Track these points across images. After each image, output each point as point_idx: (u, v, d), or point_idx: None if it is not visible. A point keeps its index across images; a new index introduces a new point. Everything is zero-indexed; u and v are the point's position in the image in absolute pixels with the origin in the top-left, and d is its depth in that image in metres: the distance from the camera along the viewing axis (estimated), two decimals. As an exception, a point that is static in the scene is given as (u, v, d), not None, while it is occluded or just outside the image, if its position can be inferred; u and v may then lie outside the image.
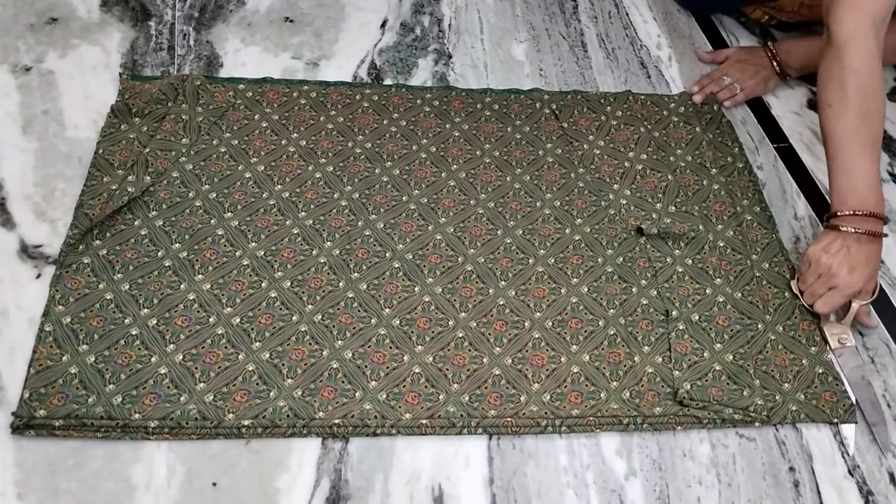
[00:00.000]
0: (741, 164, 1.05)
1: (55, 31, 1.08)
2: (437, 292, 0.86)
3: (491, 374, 0.80)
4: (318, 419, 0.74)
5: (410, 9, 1.21)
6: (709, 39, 1.25)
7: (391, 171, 0.97)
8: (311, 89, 1.04)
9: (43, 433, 0.71)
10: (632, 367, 0.82)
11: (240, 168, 0.94)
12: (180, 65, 1.06)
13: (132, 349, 0.77)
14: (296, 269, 0.85)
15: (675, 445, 0.79)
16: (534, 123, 1.05)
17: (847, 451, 0.80)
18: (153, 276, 0.82)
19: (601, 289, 0.88)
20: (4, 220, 0.86)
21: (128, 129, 0.95)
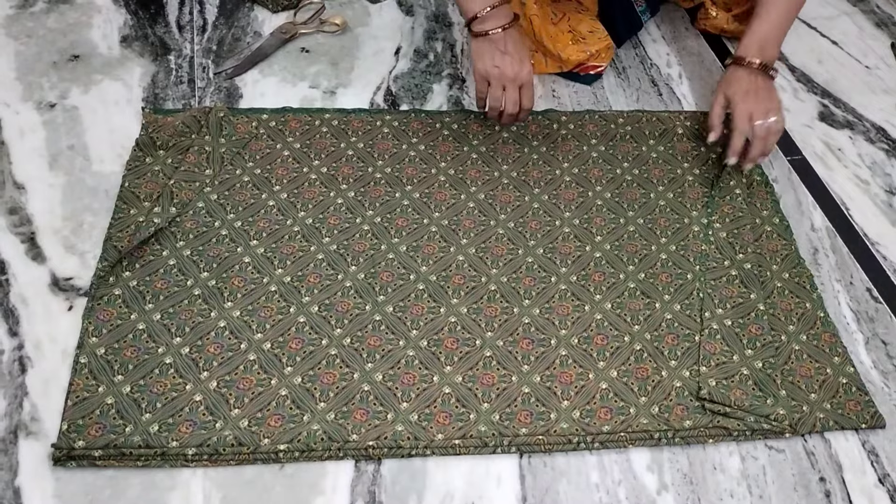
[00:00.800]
0: (758, 176, 1.06)
1: (77, 67, 1.10)
2: (463, 312, 0.87)
3: (520, 392, 0.81)
4: (352, 441, 0.75)
5: (423, 35, 1.23)
6: (717, 57, 1.27)
7: (411, 195, 0.98)
8: (332, 117, 1.06)
9: (83, 464, 0.72)
10: (660, 382, 0.83)
11: (263, 196, 0.96)
12: (201, 97, 1.08)
13: (167, 378, 0.78)
14: (323, 294, 0.87)
15: (705, 459, 0.79)
16: (550, 143, 1.07)
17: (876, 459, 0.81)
18: (184, 305, 0.84)
19: (624, 305, 0.89)
20: (35, 255, 0.88)
21: (153, 162, 0.97)
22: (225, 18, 1.21)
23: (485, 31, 0.96)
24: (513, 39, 0.97)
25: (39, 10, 1.18)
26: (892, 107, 1.22)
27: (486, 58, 0.97)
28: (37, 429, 0.74)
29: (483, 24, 0.96)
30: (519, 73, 0.97)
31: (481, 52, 0.97)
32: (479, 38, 0.97)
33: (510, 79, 0.97)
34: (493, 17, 0.95)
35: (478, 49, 0.98)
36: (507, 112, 1.00)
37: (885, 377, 0.88)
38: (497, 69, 0.97)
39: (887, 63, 1.31)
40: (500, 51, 0.96)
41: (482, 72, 0.98)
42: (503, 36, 0.96)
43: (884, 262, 0.99)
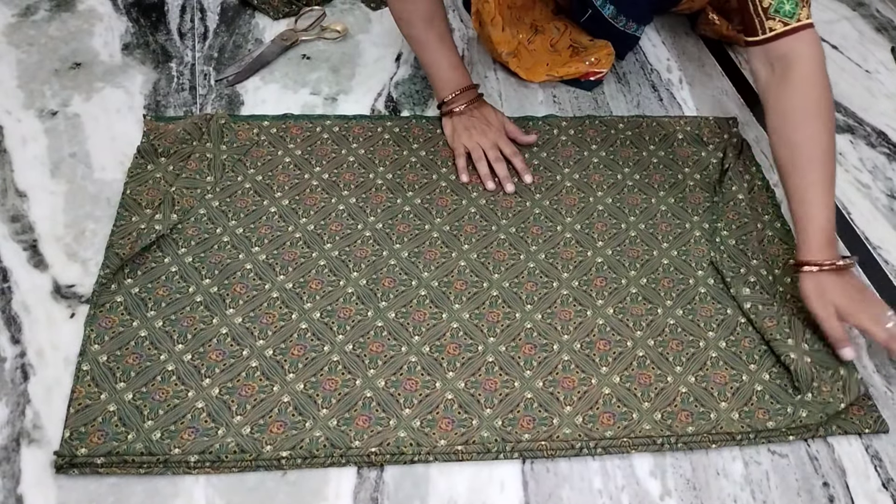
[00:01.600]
0: (760, 181, 1.06)
1: (79, 75, 1.10)
2: (465, 318, 0.87)
3: (523, 397, 0.80)
4: (355, 448, 0.75)
5: (424, 42, 1.23)
6: (718, 61, 1.27)
7: (413, 201, 0.98)
8: (333, 123, 1.06)
9: (86, 471, 0.72)
10: (663, 389, 0.82)
11: (265, 203, 0.96)
12: (202, 104, 1.09)
13: (169, 385, 0.78)
14: (324, 300, 0.87)
15: (708, 464, 0.79)
16: (551, 149, 1.07)
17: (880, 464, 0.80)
18: (185, 312, 0.84)
19: (627, 310, 0.89)
20: (37, 262, 0.88)
21: (154, 169, 0.97)
22: (226, 26, 1.22)
23: (451, 111, 1.05)
24: (478, 109, 1.06)
25: (41, 18, 1.19)
26: (892, 111, 1.22)
27: (458, 130, 1.05)
28: (39, 436, 0.74)
29: (451, 105, 1.05)
30: (488, 128, 1.04)
31: (453, 127, 1.05)
32: (447, 116, 1.06)
33: (483, 136, 1.04)
34: (459, 99, 1.05)
35: (449, 126, 1.06)
36: (500, 175, 1.02)
37: (888, 382, 0.87)
38: (468, 132, 1.04)
39: (888, 67, 1.31)
40: (468, 120, 1.05)
41: (458, 145, 1.04)
42: (469, 109, 1.05)
43: (886, 267, 0.99)
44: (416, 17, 1.03)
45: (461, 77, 1.06)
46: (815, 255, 0.87)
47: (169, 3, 1.24)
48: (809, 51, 0.92)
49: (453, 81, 1.05)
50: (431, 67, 1.06)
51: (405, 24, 1.05)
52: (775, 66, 0.93)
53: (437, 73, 1.06)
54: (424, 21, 1.04)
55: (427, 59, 1.06)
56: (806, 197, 0.88)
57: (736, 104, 1.20)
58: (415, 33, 1.05)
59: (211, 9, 1.24)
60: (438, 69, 1.06)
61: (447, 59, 1.06)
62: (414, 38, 1.06)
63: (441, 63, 1.05)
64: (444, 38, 1.06)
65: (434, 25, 1.04)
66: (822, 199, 0.88)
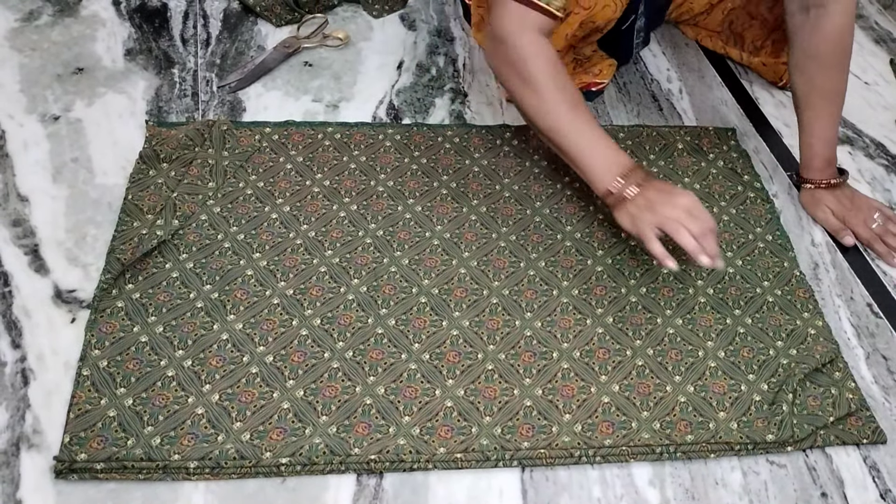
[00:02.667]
0: (752, 192, 1.06)
1: (81, 80, 1.11)
2: (465, 326, 0.87)
3: (522, 405, 0.81)
4: (354, 455, 0.75)
5: (425, 50, 1.24)
6: (717, 72, 1.28)
7: (413, 208, 0.99)
8: (335, 131, 1.06)
9: (85, 477, 0.72)
10: (662, 398, 0.83)
11: (266, 209, 0.96)
12: (204, 110, 1.09)
13: (169, 390, 0.78)
14: (325, 307, 0.87)
15: (706, 474, 0.79)
16: (552, 157, 1.07)
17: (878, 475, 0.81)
18: (186, 318, 0.84)
19: (626, 319, 0.89)
20: (38, 266, 0.88)
21: (156, 175, 0.97)
22: (229, 32, 1.22)
23: (622, 198, 0.89)
24: (652, 186, 0.89)
25: (44, 23, 1.19)
26: (891, 123, 1.23)
27: (637, 215, 0.88)
28: (39, 441, 0.74)
29: (621, 192, 0.89)
30: (676, 202, 0.87)
31: (631, 215, 0.89)
32: (619, 206, 0.90)
33: (672, 207, 0.87)
34: (627, 183, 0.89)
35: (626, 216, 0.89)
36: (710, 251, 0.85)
37: (886, 392, 0.88)
38: (650, 211, 0.87)
39: (886, 79, 1.32)
40: (643, 199, 0.88)
41: (645, 229, 0.87)
42: (642, 191, 0.88)
43: (884, 278, 1.00)
44: (560, 104, 0.91)
45: (622, 158, 0.91)
46: (813, 174, 1.05)
47: (172, 10, 1.24)
48: (846, 3, 0.98)
49: (615, 165, 0.90)
50: (585, 155, 0.91)
51: (546, 116, 0.92)
52: (811, 10, 0.99)
53: (593, 161, 0.91)
54: (570, 106, 0.92)
55: (579, 147, 0.91)
56: (813, 130, 1.04)
57: (735, 114, 1.21)
58: (559, 124, 0.92)
59: (214, 15, 1.24)
60: (593, 156, 0.91)
61: (603, 142, 0.92)
62: (557, 129, 0.92)
63: (596, 147, 0.91)
64: (593, 121, 0.94)
65: (581, 110, 0.93)
66: (825, 133, 1.04)
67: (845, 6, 0.98)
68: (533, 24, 0.92)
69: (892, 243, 1.02)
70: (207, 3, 1.26)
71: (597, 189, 0.91)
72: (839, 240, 1.03)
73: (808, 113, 1.04)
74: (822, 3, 0.98)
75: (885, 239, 1.02)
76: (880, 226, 1.03)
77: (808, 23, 0.99)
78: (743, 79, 1.27)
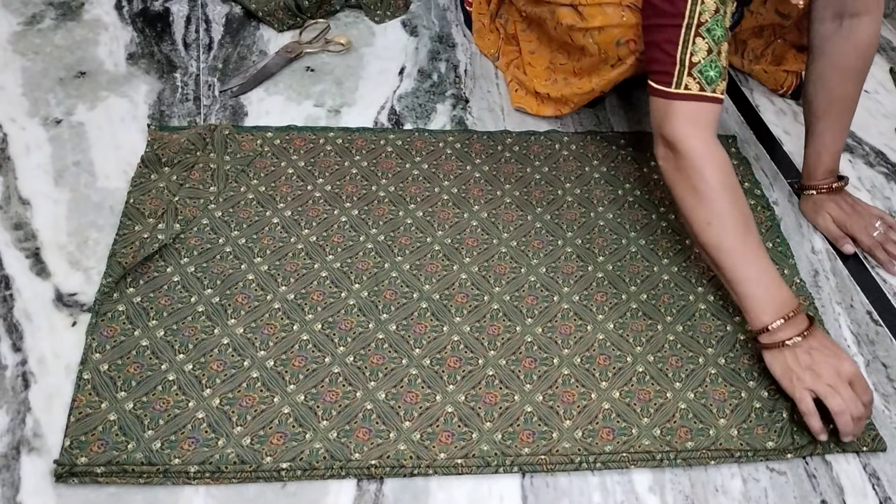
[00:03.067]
0: (752, 200, 1.07)
1: (84, 84, 1.11)
2: (466, 331, 0.87)
3: (523, 411, 0.81)
4: (355, 460, 0.75)
5: (427, 56, 1.24)
6: (718, 78, 1.28)
7: (415, 214, 0.99)
8: (336, 136, 1.07)
9: (86, 480, 0.72)
10: (663, 405, 0.83)
11: (267, 214, 0.96)
12: (206, 115, 1.09)
13: (169, 394, 0.78)
14: (326, 312, 0.87)
15: (706, 481, 0.79)
16: (552, 164, 1.08)
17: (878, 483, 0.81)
18: (187, 322, 0.84)
19: (627, 325, 0.90)
20: (39, 270, 0.88)
21: (157, 179, 0.98)
22: (231, 37, 1.22)
23: (779, 342, 0.83)
24: (816, 339, 0.83)
25: (47, 26, 1.19)
26: (891, 131, 1.23)
27: (796, 371, 0.82)
28: (39, 445, 0.74)
29: (779, 334, 0.83)
30: (841, 369, 0.81)
31: (787, 366, 0.83)
32: (776, 349, 0.84)
33: (836, 377, 0.81)
34: (788, 328, 0.83)
35: (779, 364, 0.83)
36: (855, 415, 0.80)
37: (886, 400, 0.88)
38: (812, 374, 0.81)
39: (886, 88, 1.32)
40: (806, 356, 0.82)
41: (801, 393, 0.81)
42: (804, 341, 0.83)
43: (884, 286, 1.00)
44: (732, 224, 0.85)
45: (788, 298, 0.84)
46: (815, 181, 1.05)
47: (174, 14, 1.25)
48: (877, 14, 0.98)
49: (778, 303, 0.83)
50: (750, 284, 0.84)
51: (714, 233, 0.86)
52: (845, 21, 0.98)
53: (757, 292, 0.84)
54: (741, 227, 0.86)
55: (744, 273, 0.85)
56: (825, 140, 1.03)
57: (736, 122, 1.21)
58: (728, 243, 0.85)
59: (216, 20, 1.25)
60: (758, 286, 0.84)
61: (769, 274, 0.85)
62: (724, 249, 0.85)
63: (762, 278, 0.84)
64: (762, 250, 0.86)
65: (752, 232, 0.86)
66: (836, 144, 1.03)
67: (877, 17, 0.98)
68: (705, 118, 0.88)
69: (892, 251, 1.02)
70: (210, 8, 1.27)
71: (752, 323, 0.85)
72: (839, 248, 1.03)
73: (822, 123, 1.02)
74: (856, 13, 0.96)
75: (886, 247, 1.02)
76: (881, 233, 1.03)
77: (840, 33, 0.98)
78: (743, 86, 1.28)
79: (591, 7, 1.02)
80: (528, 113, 1.15)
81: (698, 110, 0.88)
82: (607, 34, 1.02)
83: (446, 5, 1.34)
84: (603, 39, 1.02)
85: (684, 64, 0.87)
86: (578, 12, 1.03)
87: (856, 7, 0.96)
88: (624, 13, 0.99)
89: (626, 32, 1.00)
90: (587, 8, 1.02)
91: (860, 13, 0.97)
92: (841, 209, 1.04)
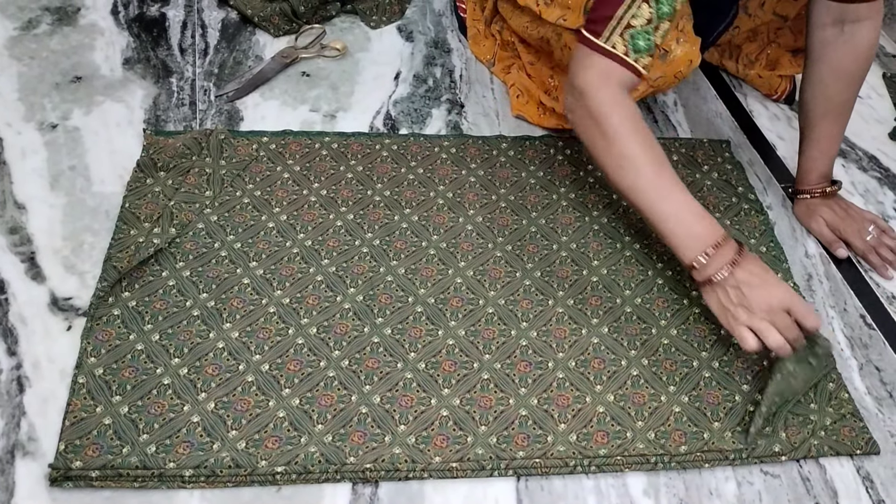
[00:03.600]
0: (746, 204, 1.07)
1: (80, 89, 1.11)
2: (461, 335, 0.87)
3: (517, 414, 0.81)
4: (350, 464, 0.75)
5: (422, 61, 1.25)
6: (712, 84, 1.29)
7: (410, 218, 0.99)
8: (332, 140, 1.07)
9: (80, 485, 0.72)
10: (657, 408, 0.83)
11: (263, 218, 0.96)
12: (202, 119, 1.09)
13: (164, 398, 0.78)
14: (321, 316, 0.87)
15: (701, 484, 0.79)
16: (547, 168, 1.08)
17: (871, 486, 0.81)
18: (182, 326, 0.84)
19: (621, 329, 0.90)
20: (34, 274, 0.88)
21: (153, 183, 0.98)
22: (227, 42, 1.23)
23: (708, 278, 0.83)
24: (744, 267, 0.82)
25: (43, 31, 1.19)
26: (884, 135, 1.24)
27: (730, 308, 0.82)
28: (34, 449, 0.74)
29: (707, 271, 0.83)
30: (773, 296, 0.81)
31: (721, 304, 0.83)
32: (708, 286, 0.84)
33: (769, 312, 0.81)
34: (716, 260, 0.82)
35: (714, 301, 0.84)
36: (791, 339, 0.81)
37: (880, 403, 0.88)
38: (746, 311, 0.81)
39: (878, 93, 1.33)
40: (736, 292, 0.82)
41: (739, 329, 0.81)
42: (732, 274, 0.82)
43: (877, 289, 1.01)
44: (643, 163, 0.85)
45: (710, 230, 0.83)
46: (809, 185, 1.06)
47: (170, 19, 1.25)
48: (877, 20, 0.98)
49: (701, 237, 0.83)
50: (669, 220, 0.84)
51: (626, 175, 0.86)
52: (846, 27, 0.98)
53: (678, 228, 0.84)
54: (653, 165, 0.85)
55: (662, 211, 0.85)
56: (821, 145, 1.04)
57: (730, 126, 1.22)
58: (642, 182, 0.85)
59: (212, 25, 1.25)
60: (677, 223, 0.84)
61: (689, 208, 0.84)
62: (639, 189, 0.85)
63: (682, 213, 0.84)
64: (678, 186, 0.85)
65: (665, 170, 0.86)
66: (832, 150, 1.04)
67: (877, 23, 0.98)
68: (618, 79, 0.87)
69: (885, 255, 1.03)
70: (206, 13, 1.27)
71: (681, 260, 0.85)
72: (832, 252, 1.04)
73: (818, 127, 1.03)
74: (858, 19, 0.97)
75: (879, 251, 1.03)
76: (874, 238, 1.03)
77: (841, 38, 0.98)
78: (737, 91, 1.28)
79: None
80: (529, 122, 1.16)
81: (616, 71, 0.87)
82: None
83: (441, 11, 1.35)
84: None
85: (620, 23, 0.86)
86: None
87: (857, 13, 0.97)
88: None
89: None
90: None
91: (861, 19, 0.97)
92: (834, 213, 1.05)
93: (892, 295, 1.00)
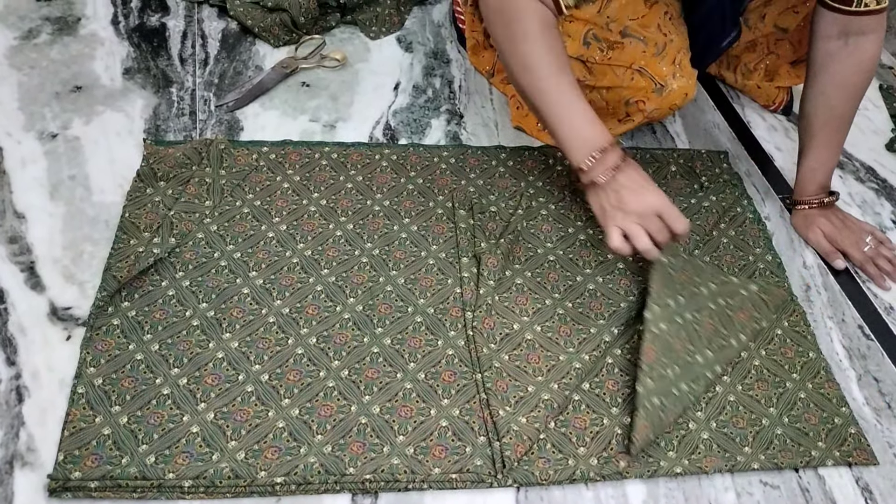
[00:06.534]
0: (751, 214, 1.08)
1: (80, 98, 1.11)
2: (460, 345, 0.87)
3: (513, 426, 0.81)
4: (349, 475, 0.75)
5: (422, 71, 1.25)
6: (710, 95, 1.29)
7: (409, 228, 0.99)
8: (331, 150, 1.07)
9: (79, 495, 0.71)
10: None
11: (263, 228, 0.96)
12: (202, 129, 1.10)
13: (164, 409, 0.78)
14: (321, 326, 0.87)
15: (700, 494, 0.79)
16: (546, 178, 1.08)
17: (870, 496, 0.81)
18: (182, 336, 0.84)
19: (634, 343, 0.90)
20: (34, 284, 0.88)
21: (153, 193, 0.98)
22: (227, 52, 1.23)
23: (592, 181, 0.88)
24: (625, 174, 0.87)
25: (43, 41, 1.20)
26: (881, 147, 1.25)
27: (608, 210, 0.87)
28: (33, 459, 0.74)
29: (591, 174, 0.87)
30: (646, 202, 0.86)
31: (601, 206, 0.88)
32: (592, 188, 0.89)
33: (640, 213, 0.86)
34: (600, 165, 0.87)
35: (596, 204, 0.89)
36: (659, 241, 0.87)
37: (878, 414, 0.88)
38: (620, 211, 0.87)
39: (876, 104, 1.34)
40: (618, 196, 0.87)
41: (611, 230, 0.87)
42: (614, 178, 0.87)
43: (875, 300, 1.01)
44: (545, 65, 0.87)
45: (597, 135, 0.87)
46: (807, 196, 1.06)
47: (170, 29, 1.25)
48: (881, 33, 0.99)
49: (589, 142, 0.87)
50: (562, 123, 0.88)
51: (527, 74, 0.88)
52: (850, 39, 0.99)
53: (570, 132, 0.88)
54: (554, 68, 0.87)
55: (557, 113, 0.88)
56: (820, 156, 1.04)
57: (727, 137, 1.23)
58: (540, 85, 0.88)
59: (212, 35, 1.26)
60: (570, 128, 0.88)
61: (582, 113, 0.87)
62: (538, 89, 0.88)
63: (575, 117, 0.87)
64: (575, 92, 0.88)
65: (565, 75, 0.88)
66: (831, 161, 1.05)
67: (881, 35, 0.99)
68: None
69: (883, 266, 1.03)
70: (206, 24, 1.27)
71: (571, 163, 0.90)
72: (830, 263, 1.04)
73: (818, 138, 1.04)
74: (862, 32, 0.98)
75: (877, 262, 1.03)
76: (872, 248, 1.04)
77: (845, 50, 0.99)
78: (735, 102, 1.29)
79: (600, 66, 1.03)
80: (528, 134, 1.16)
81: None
82: (616, 93, 1.03)
83: (441, 22, 1.36)
84: (612, 97, 1.04)
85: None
86: (587, 67, 1.04)
87: (862, 26, 0.97)
88: (634, 76, 1.00)
89: (636, 94, 1.01)
90: (596, 66, 1.03)
91: (866, 32, 0.98)
92: (832, 224, 1.05)
93: (890, 306, 1.01)
